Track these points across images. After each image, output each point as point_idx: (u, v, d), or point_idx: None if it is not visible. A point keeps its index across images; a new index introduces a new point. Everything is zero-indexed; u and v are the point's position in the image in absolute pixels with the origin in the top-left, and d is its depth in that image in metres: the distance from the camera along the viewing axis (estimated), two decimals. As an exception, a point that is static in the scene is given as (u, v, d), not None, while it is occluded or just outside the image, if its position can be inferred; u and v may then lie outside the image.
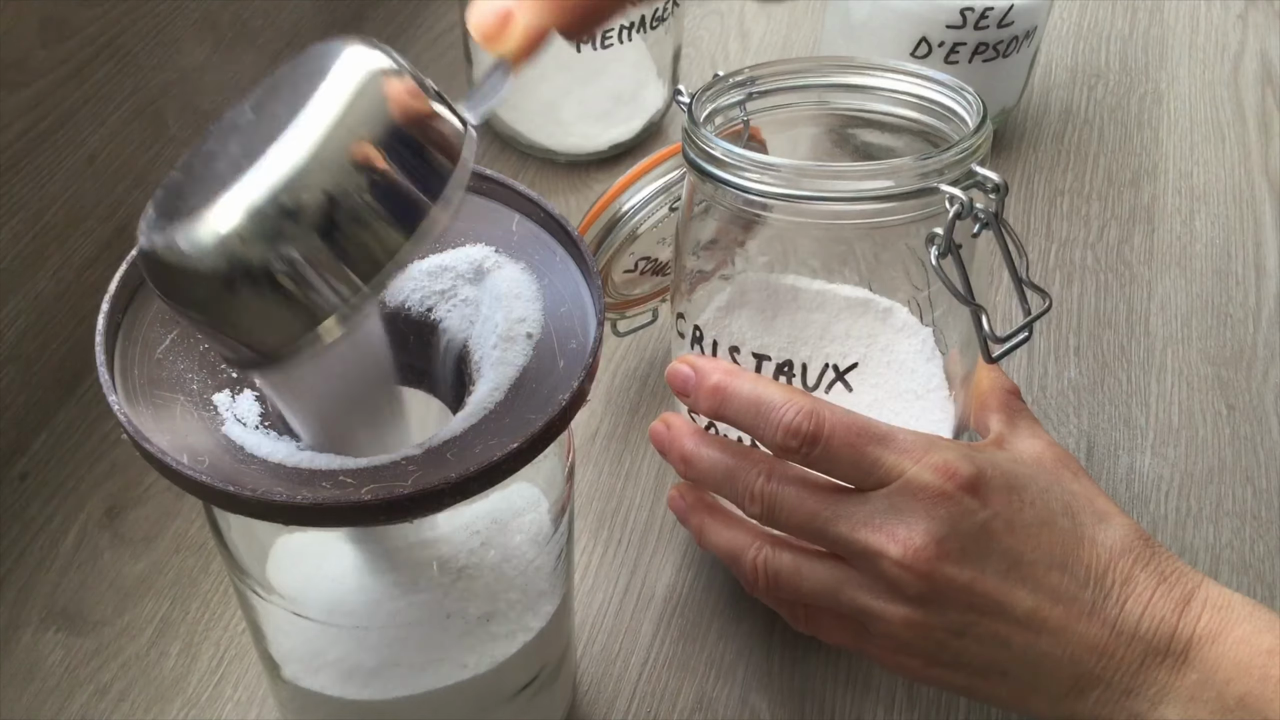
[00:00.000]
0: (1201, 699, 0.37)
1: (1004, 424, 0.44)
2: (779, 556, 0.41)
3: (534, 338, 0.33)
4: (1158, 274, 0.65)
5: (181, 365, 0.32)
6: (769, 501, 0.40)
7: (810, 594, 0.41)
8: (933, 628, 0.39)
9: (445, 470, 0.29)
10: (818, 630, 0.43)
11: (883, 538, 0.38)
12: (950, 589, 0.38)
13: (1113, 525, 0.40)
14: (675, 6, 0.64)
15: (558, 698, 0.44)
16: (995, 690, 0.40)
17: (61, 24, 0.50)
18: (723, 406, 0.41)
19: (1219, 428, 0.57)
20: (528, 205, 0.35)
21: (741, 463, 0.41)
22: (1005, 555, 0.38)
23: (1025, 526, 0.38)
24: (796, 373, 0.44)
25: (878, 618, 0.39)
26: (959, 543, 0.38)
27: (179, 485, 0.29)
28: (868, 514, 0.39)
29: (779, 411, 0.39)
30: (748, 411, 0.40)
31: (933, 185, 0.39)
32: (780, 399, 0.39)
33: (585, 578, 0.50)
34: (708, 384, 0.41)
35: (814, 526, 0.39)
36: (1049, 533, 0.39)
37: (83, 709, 0.45)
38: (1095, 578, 0.38)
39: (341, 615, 0.34)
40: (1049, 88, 0.75)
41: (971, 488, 0.38)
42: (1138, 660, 0.38)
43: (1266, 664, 0.37)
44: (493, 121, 0.68)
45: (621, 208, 0.49)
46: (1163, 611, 0.38)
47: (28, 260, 0.51)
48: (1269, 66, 0.78)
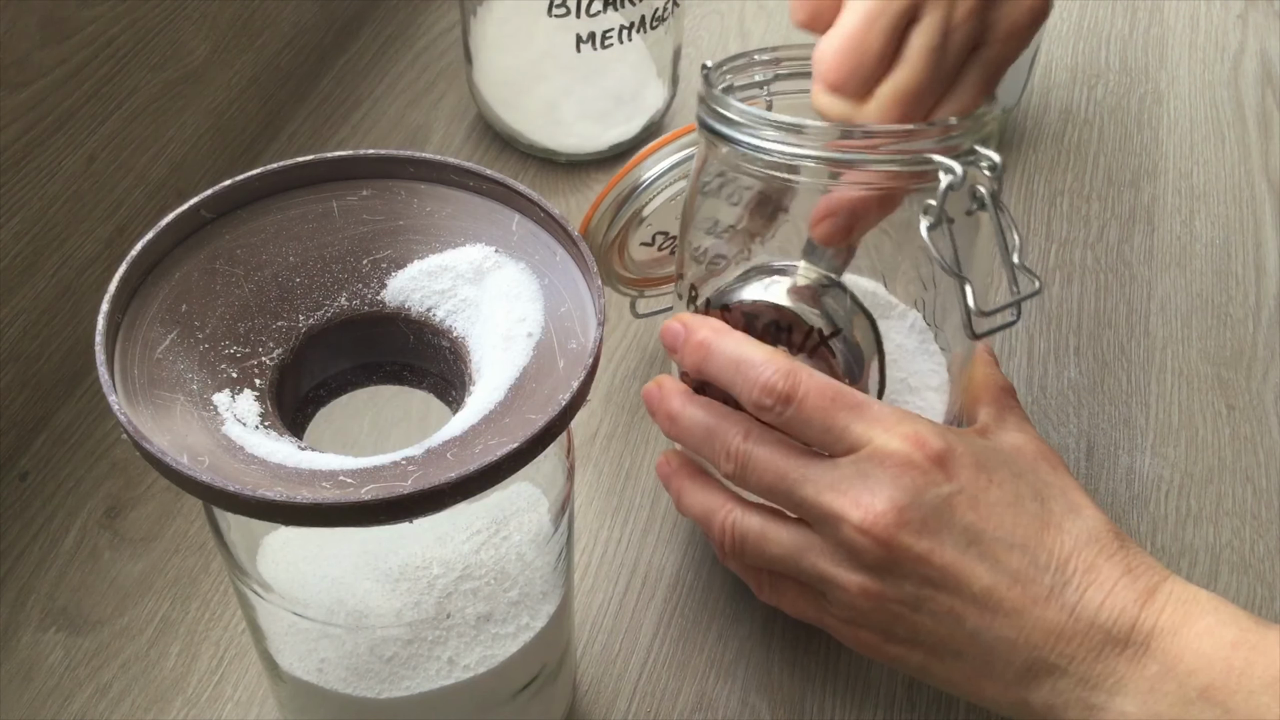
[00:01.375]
0: (1161, 691, 0.36)
1: (991, 416, 0.44)
2: (747, 519, 0.42)
3: (534, 338, 0.33)
4: (1158, 274, 0.65)
5: (181, 365, 0.32)
6: (742, 460, 0.41)
7: (774, 558, 0.41)
8: (888, 599, 0.39)
9: (445, 470, 0.29)
10: (780, 600, 0.44)
11: (845, 502, 0.38)
12: (907, 558, 0.38)
13: (1083, 516, 0.40)
14: (675, 6, 0.64)
15: (558, 698, 0.44)
16: (949, 672, 0.40)
17: (61, 24, 0.50)
18: (706, 361, 0.42)
19: (1219, 428, 0.57)
20: (528, 205, 0.35)
21: (721, 423, 0.42)
22: (966, 530, 0.38)
23: (990, 505, 0.38)
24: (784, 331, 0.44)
25: (836, 586, 0.40)
26: (920, 513, 0.38)
27: (179, 485, 0.29)
28: (834, 479, 0.39)
29: (758, 369, 0.40)
30: (728, 368, 0.41)
31: (929, 155, 0.39)
32: (760, 358, 0.40)
33: (585, 578, 0.50)
34: (695, 338, 0.42)
35: (782, 488, 0.40)
36: (1014, 514, 0.39)
37: (83, 709, 0.45)
38: (1058, 563, 0.38)
39: (341, 615, 0.34)
40: (1049, 88, 0.75)
41: (939, 460, 0.38)
42: (1096, 649, 0.37)
43: (1230, 656, 0.36)
44: (493, 121, 0.68)
45: (639, 178, 0.49)
46: (1124, 602, 0.37)
47: (28, 260, 0.51)
48: (1269, 66, 0.78)
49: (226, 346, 0.33)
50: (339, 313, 0.34)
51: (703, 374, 0.42)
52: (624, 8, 0.60)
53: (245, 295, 0.34)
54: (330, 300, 0.34)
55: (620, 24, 0.61)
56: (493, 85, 0.66)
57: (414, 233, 0.35)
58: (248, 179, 0.35)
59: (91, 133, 0.53)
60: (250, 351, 0.33)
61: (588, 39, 0.61)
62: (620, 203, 0.49)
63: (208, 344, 0.32)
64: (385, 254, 0.35)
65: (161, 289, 0.33)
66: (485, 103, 0.68)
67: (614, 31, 0.61)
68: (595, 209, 0.49)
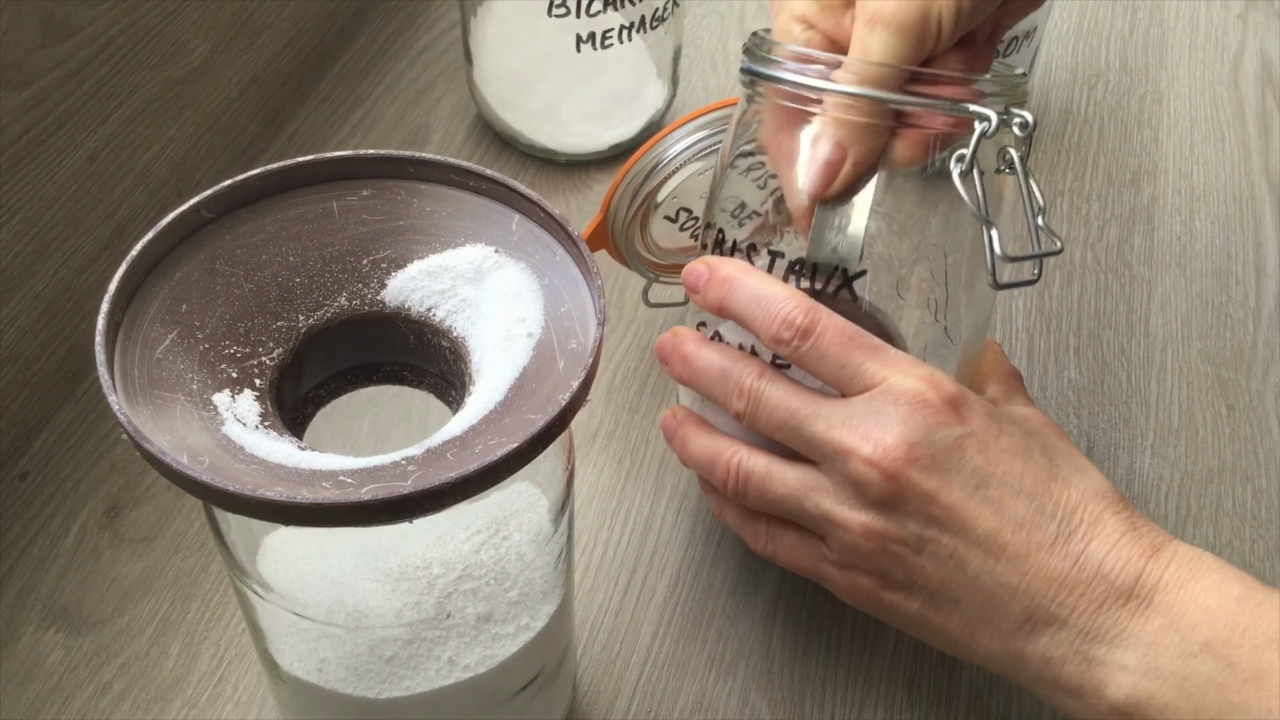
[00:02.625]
0: (1163, 644, 0.36)
1: (1000, 392, 0.44)
2: (753, 459, 0.42)
3: (534, 338, 0.33)
4: (1158, 274, 0.65)
5: (181, 365, 0.32)
6: (754, 397, 0.41)
7: (777, 499, 0.41)
8: (890, 538, 0.39)
9: (445, 470, 0.29)
10: (777, 548, 0.43)
11: (856, 436, 0.39)
12: (913, 495, 0.38)
13: (1089, 476, 0.40)
14: (675, 6, 0.64)
15: (558, 698, 0.44)
16: (946, 621, 0.39)
17: (61, 24, 0.50)
18: (728, 297, 0.42)
19: (1219, 428, 0.57)
20: (528, 205, 0.35)
21: (736, 363, 0.42)
22: (975, 473, 0.38)
23: (1000, 450, 0.39)
24: (807, 272, 0.44)
25: (838, 525, 0.40)
26: (930, 450, 0.38)
27: (179, 485, 0.29)
28: (846, 415, 0.39)
29: (779, 304, 0.40)
30: (749, 302, 0.41)
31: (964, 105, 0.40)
32: (782, 294, 0.41)
33: (585, 578, 0.50)
34: (720, 274, 0.42)
35: (793, 424, 0.40)
36: (1023, 462, 0.39)
37: (83, 709, 0.45)
38: (1064, 513, 0.38)
39: (341, 615, 0.34)
40: (1049, 88, 0.75)
41: (953, 403, 0.39)
42: (1099, 600, 0.37)
43: (1235, 611, 0.36)
44: (493, 121, 0.68)
45: (665, 152, 0.49)
46: (1129, 555, 0.37)
47: (28, 260, 0.51)
48: (1269, 66, 0.78)
49: (226, 346, 0.33)
50: (339, 313, 0.34)
51: (724, 309, 0.42)
52: (624, 8, 0.60)
53: (245, 295, 0.34)
54: (330, 300, 0.34)
55: (620, 24, 0.61)
56: (493, 85, 0.67)
57: (414, 233, 0.35)
58: (248, 179, 0.35)
59: (91, 133, 0.53)
60: (250, 351, 0.33)
61: (588, 39, 0.61)
62: (644, 176, 0.49)
63: (208, 344, 0.32)
64: (385, 254, 0.35)
65: (161, 289, 0.33)
66: (485, 103, 0.68)
67: (614, 31, 0.61)
68: (619, 183, 0.50)
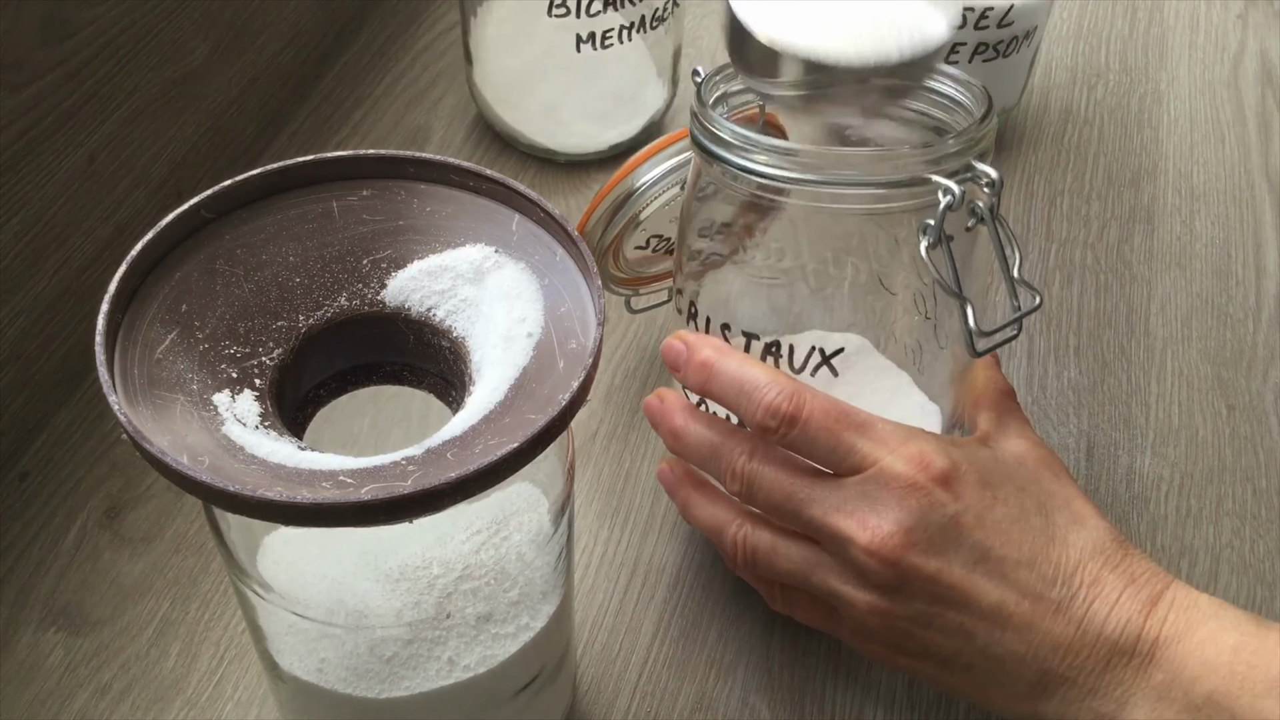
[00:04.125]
0: (1169, 698, 0.37)
1: (992, 422, 0.44)
2: (758, 534, 0.42)
3: (534, 338, 0.33)
4: (1158, 274, 0.65)
5: (181, 365, 0.32)
6: (748, 479, 0.41)
7: (785, 573, 0.42)
8: (898, 616, 0.39)
9: (445, 470, 0.29)
10: (793, 610, 0.44)
11: (853, 524, 0.39)
12: (916, 579, 0.38)
13: (1087, 527, 0.40)
14: (675, 6, 0.64)
15: (558, 698, 0.44)
16: (960, 683, 0.40)
17: (61, 24, 0.50)
18: (709, 382, 0.42)
19: (1219, 428, 0.57)
20: (528, 205, 0.35)
21: (726, 440, 0.42)
22: (974, 549, 0.38)
23: (996, 522, 0.39)
24: (784, 354, 0.44)
25: (846, 603, 0.40)
26: (927, 533, 0.38)
27: (179, 485, 0.29)
28: (840, 499, 0.39)
29: (761, 391, 0.40)
30: (732, 388, 0.41)
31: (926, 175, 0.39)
32: (764, 379, 0.40)
33: (585, 578, 0.50)
34: (697, 359, 0.42)
35: (789, 508, 0.40)
36: (1020, 530, 0.39)
37: (83, 709, 0.45)
38: (1064, 577, 0.38)
39: (341, 615, 0.34)
40: (1049, 88, 0.75)
41: (944, 480, 0.39)
42: (1103, 660, 0.38)
43: (1232, 661, 0.37)
44: (493, 121, 0.68)
45: (635, 183, 0.49)
46: (1129, 612, 0.38)
47: (28, 260, 0.51)
48: (1269, 66, 0.78)
49: (226, 346, 0.33)
50: (339, 313, 0.34)
51: (706, 394, 0.42)
52: (624, 8, 0.60)
53: (245, 295, 0.34)
54: (330, 300, 0.34)
55: (620, 24, 0.61)
56: (493, 85, 0.67)
57: (414, 233, 0.35)
58: (248, 179, 0.35)
59: (91, 133, 0.53)
60: (250, 351, 0.33)
61: (588, 39, 0.61)
62: (615, 209, 0.49)
63: (208, 344, 0.32)
64: (385, 254, 0.35)
65: (161, 289, 0.33)
66: (485, 103, 0.68)
67: (614, 31, 0.61)
68: (589, 215, 0.50)
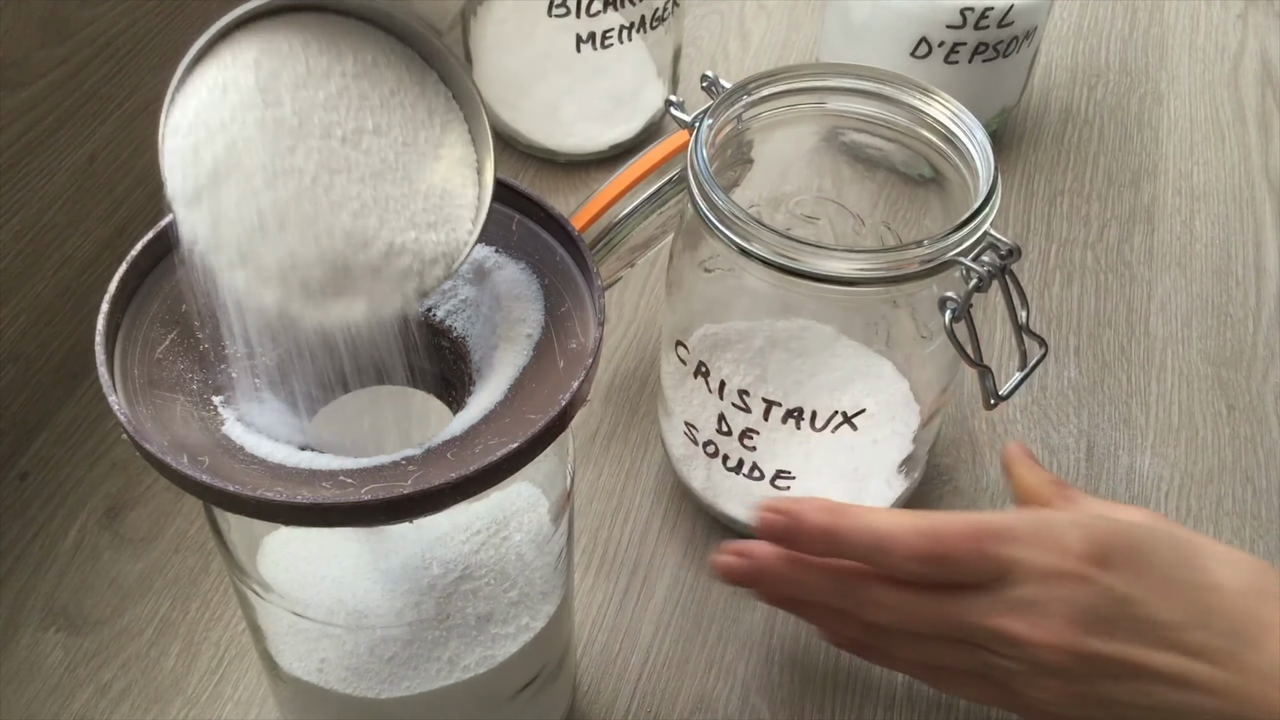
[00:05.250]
0: None
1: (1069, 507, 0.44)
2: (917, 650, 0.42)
3: (534, 338, 0.33)
4: (1158, 274, 0.65)
5: (181, 365, 0.32)
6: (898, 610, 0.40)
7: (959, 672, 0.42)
8: (1084, 696, 0.39)
9: (445, 470, 0.29)
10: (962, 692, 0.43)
11: (1023, 625, 0.38)
12: (1098, 661, 0.38)
13: (1233, 565, 0.40)
14: (675, 6, 0.64)
15: (558, 698, 0.44)
16: None
17: (61, 24, 0.50)
18: (837, 547, 0.40)
19: (1219, 428, 0.57)
20: (528, 205, 0.35)
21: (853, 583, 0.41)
22: (1144, 621, 0.38)
23: (1149, 589, 0.39)
24: (806, 418, 0.45)
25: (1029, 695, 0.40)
26: (1096, 616, 0.38)
27: (179, 485, 0.29)
28: (997, 604, 0.39)
29: (898, 542, 0.39)
30: (863, 547, 0.40)
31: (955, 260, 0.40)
32: (897, 530, 0.39)
33: (585, 578, 0.50)
34: (814, 528, 0.40)
35: (950, 623, 0.40)
36: (1177, 589, 0.39)
37: (83, 709, 0.45)
38: (1231, 628, 0.38)
39: (341, 615, 0.34)
40: (1049, 88, 0.75)
41: (1096, 560, 0.38)
42: None
43: None
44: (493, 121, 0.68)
45: (616, 217, 0.49)
46: None
47: (28, 260, 0.51)
48: (1269, 66, 0.78)
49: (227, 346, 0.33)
50: (339, 313, 0.34)
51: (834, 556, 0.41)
52: (624, 8, 0.60)
53: (245, 295, 0.33)
54: (330, 300, 0.34)
55: (620, 24, 0.61)
56: (493, 85, 0.66)
57: (414, 233, 0.35)
58: (248, 179, 0.34)
59: (91, 133, 0.53)
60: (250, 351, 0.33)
61: (588, 39, 0.61)
62: (594, 242, 0.50)
63: (208, 344, 0.32)
64: (385, 254, 0.35)
65: (161, 289, 0.33)
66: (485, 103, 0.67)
67: (614, 31, 0.61)
68: None
